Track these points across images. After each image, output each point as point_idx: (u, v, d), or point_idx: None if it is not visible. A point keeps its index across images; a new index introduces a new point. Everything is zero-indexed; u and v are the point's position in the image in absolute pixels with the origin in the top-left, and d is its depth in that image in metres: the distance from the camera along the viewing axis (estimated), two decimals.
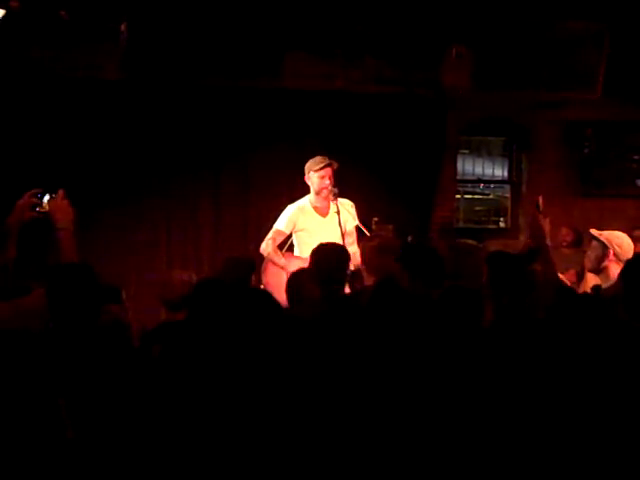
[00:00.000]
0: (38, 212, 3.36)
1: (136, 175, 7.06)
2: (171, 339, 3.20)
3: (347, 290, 4.86)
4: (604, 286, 4.36)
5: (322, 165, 5.70)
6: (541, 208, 4.16)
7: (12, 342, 2.08)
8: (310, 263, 4.42)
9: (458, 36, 7.19)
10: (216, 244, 7.34)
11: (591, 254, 4.83)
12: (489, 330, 3.27)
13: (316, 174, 5.70)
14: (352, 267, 4.97)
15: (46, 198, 3.36)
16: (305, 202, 5.84)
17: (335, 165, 5.72)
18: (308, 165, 5.77)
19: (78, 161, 6.82)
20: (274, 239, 5.76)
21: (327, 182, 5.68)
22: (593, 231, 4.87)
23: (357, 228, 5.77)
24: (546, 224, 4.15)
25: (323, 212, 5.79)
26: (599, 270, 4.75)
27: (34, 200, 3.35)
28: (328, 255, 4.31)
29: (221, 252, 7.07)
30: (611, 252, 4.68)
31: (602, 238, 4.75)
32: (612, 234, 4.80)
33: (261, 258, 5.70)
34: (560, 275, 4.47)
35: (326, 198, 5.71)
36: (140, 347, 3.34)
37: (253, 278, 4.89)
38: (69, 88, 6.83)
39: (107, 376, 2.70)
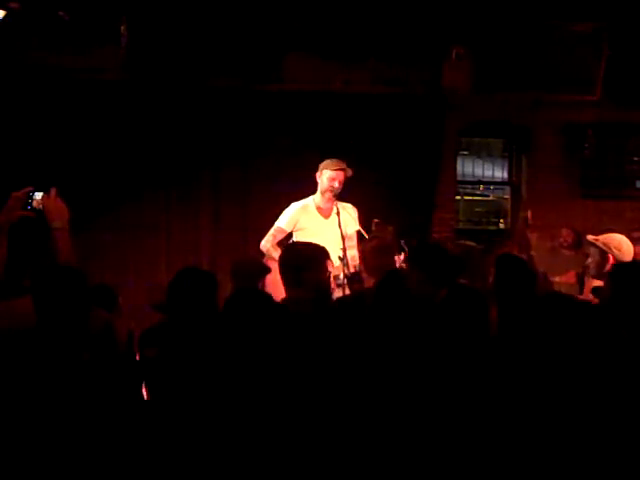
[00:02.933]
0: (30, 210, 3.32)
1: (136, 175, 7.06)
2: (163, 341, 3.15)
3: (347, 291, 4.86)
4: None
5: (337, 167, 5.72)
6: (529, 222, 4.16)
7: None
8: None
9: (458, 37, 7.19)
10: (216, 244, 7.33)
11: (591, 261, 4.70)
12: (496, 332, 3.26)
13: (328, 174, 5.71)
14: (352, 269, 4.97)
15: (37, 196, 3.32)
16: (309, 201, 5.84)
17: (349, 172, 5.73)
18: (324, 163, 5.77)
19: (78, 162, 6.83)
20: (274, 236, 5.75)
21: (336, 185, 5.69)
22: (590, 237, 4.74)
23: (358, 232, 5.75)
24: (533, 238, 4.15)
25: (326, 213, 5.79)
26: (602, 275, 4.61)
27: (24, 199, 3.31)
28: (292, 254, 4.11)
29: (221, 252, 7.09)
30: (610, 257, 4.55)
31: (599, 244, 4.60)
32: (609, 237, 4.66)
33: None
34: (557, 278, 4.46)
35: (329, 200, 5.72)
36: (132, 350, 3.31)
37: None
38: (69, 89, 6.83)
39: (90, 379, 2.68)
